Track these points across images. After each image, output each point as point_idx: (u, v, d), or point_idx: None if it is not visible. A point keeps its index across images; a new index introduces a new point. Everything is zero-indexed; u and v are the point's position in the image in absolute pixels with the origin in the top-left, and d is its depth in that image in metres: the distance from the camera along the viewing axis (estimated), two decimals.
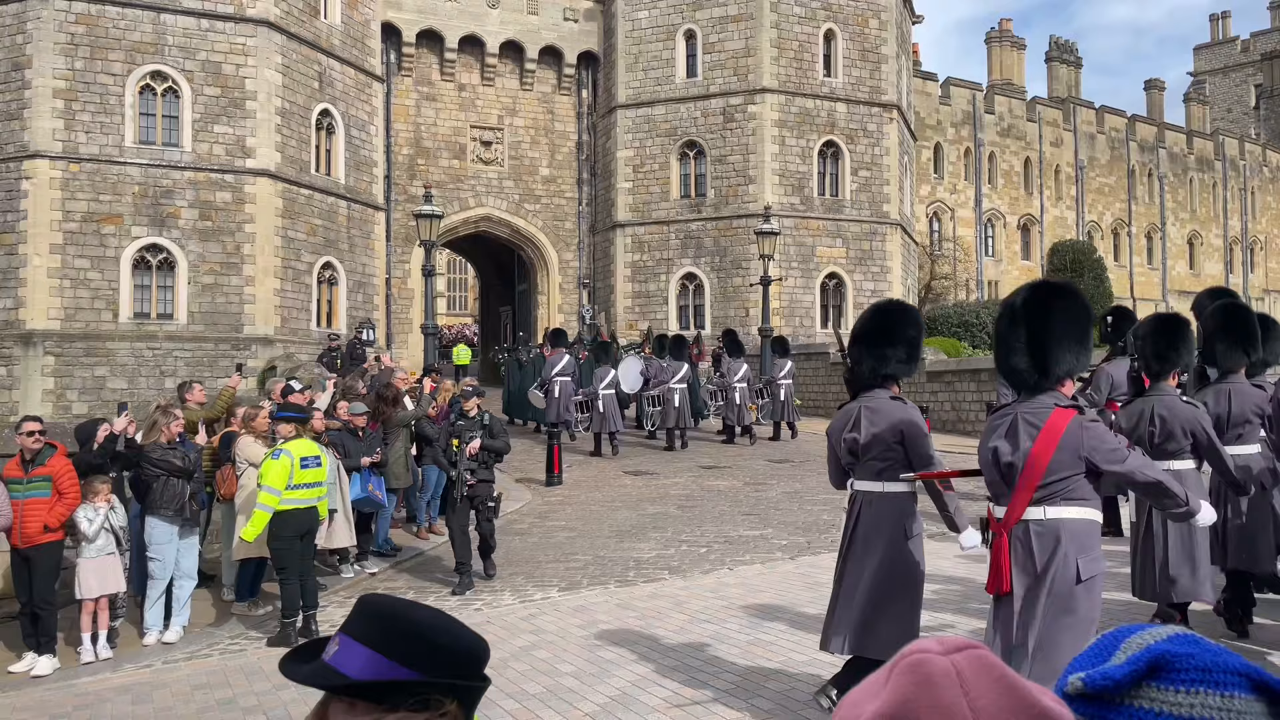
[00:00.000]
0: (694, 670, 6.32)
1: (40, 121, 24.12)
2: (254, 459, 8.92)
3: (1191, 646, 0.93)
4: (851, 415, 5.41)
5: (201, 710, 6.43)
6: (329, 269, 28.20)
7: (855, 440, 5.32)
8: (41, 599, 7.90)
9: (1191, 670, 0.91)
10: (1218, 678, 0.91)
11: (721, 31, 31.16)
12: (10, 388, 23.88)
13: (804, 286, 30.96)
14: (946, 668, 0.81)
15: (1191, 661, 0.91)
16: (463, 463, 9.18)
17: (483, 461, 9.27)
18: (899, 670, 0.82)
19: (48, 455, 8.05)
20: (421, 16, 31.88)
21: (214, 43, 25.57)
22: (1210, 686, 0.90)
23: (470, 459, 9.17)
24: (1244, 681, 0.91)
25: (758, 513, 12.62)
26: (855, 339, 5.49)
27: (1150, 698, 0.91)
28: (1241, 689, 0.90)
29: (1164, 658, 0.91)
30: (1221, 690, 0.90)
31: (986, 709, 0.79)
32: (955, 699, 0.79)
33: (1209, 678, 0.91)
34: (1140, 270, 51.33)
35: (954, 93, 44.26)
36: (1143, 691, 0.91)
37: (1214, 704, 0.89)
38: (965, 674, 0.81)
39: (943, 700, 0.79)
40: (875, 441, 5.27)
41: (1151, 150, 52.52)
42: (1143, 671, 0.91)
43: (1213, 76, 70.58)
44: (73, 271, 24.24)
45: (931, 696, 0.79)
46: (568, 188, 34.34)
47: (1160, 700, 0.91)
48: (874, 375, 5.41)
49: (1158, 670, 0.91)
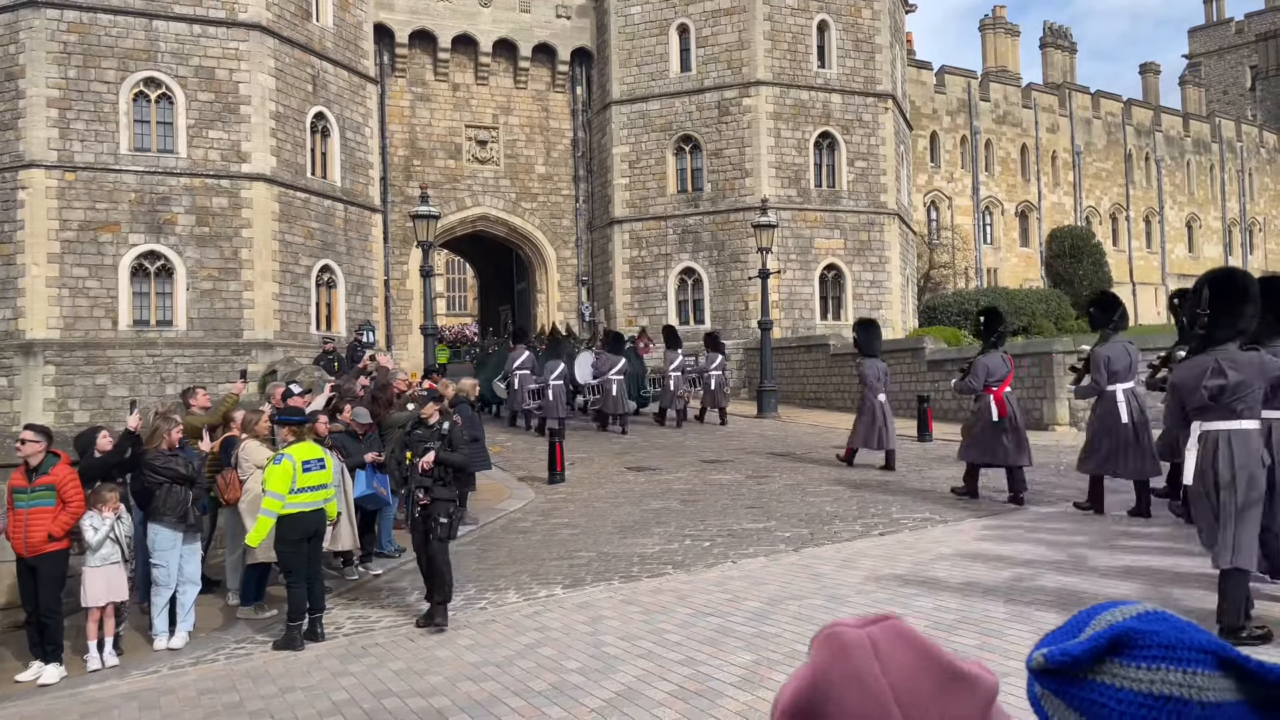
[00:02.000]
0: (699, 664, 6.33)
1: (35, 131, 24.11)
2: (260, 462, 8.94)
3: (1158, 624, 0.94)
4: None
5: (208, 715, 6.44)
6: (327, 272, 28.19)
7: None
8: (47, 608, 7.91)
9: (1155, 647, 0.92)
10: (1181, 654, 0.92)
11: (714, 25, 31.12)
12: (11, 398, 23.91)
13: (803, 279, 30.95)
14: (860, 638, 0.87)
15: (1155, 639, 0.93)
16: (414, 479, 8.22)
17: (438, 477, 8.19)
18: (818, 643, 0.88)
19: (51, 464, 8.05)
20: (414, 17, 31.85)
21: (206, 48, 25.54)
22: (1173, 663, 0.91)
23: (423, 474, 8.18)
24: (1209, 659, 0.92)
25: (760, 505, 12.63)
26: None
27: (1112, 673, 0.93)
28: (1206, 665, 0.91)
29: (1127, 634, 0.93)
30: (1184, 666, 0.91)
31: (900, 671, 0.85)
32: (868, 665, 0.85)
33: (1172, 654, 0.92)
34: (1139, 254, 51.30)
35: (949, 81, 44.21)
36: (1105, 667, 0.93)
37: (1176, 680, 0.91)
38: (880, 643, 0.87)
39: (857, 667, 0.85)
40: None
41: (1148, 134, 52.47)
42: (1104, 648, 0.93)
43: (1208, 59, 70.46)
44: (71, 280, 24.24)
45: (846, 664, 0.85)
46: (564, 185, 34.32)
47: (1121, 676, 0.92)
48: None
49: (1120, 646, 0.93)
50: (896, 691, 0.85)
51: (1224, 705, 0.90)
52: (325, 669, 7.16)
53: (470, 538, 11.95)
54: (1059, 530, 10.05)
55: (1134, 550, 8.97)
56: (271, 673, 7.26)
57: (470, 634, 7.68)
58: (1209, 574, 6.63)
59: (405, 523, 8.59)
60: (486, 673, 6.60)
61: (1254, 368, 6.07)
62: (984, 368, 12.11)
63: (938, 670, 0.87)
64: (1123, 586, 7.58)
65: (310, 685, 6.77)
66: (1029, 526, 10.42)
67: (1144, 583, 7.66)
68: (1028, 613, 6.95)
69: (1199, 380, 6.07)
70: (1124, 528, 10.02)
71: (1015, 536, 9.89)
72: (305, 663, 7.44)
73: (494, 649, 7.17)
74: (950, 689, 0.87)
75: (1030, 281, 44.53)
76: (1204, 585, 7.11)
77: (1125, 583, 7.71)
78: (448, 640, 7.56)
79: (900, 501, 12.38)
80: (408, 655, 7.27)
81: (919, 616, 6.95)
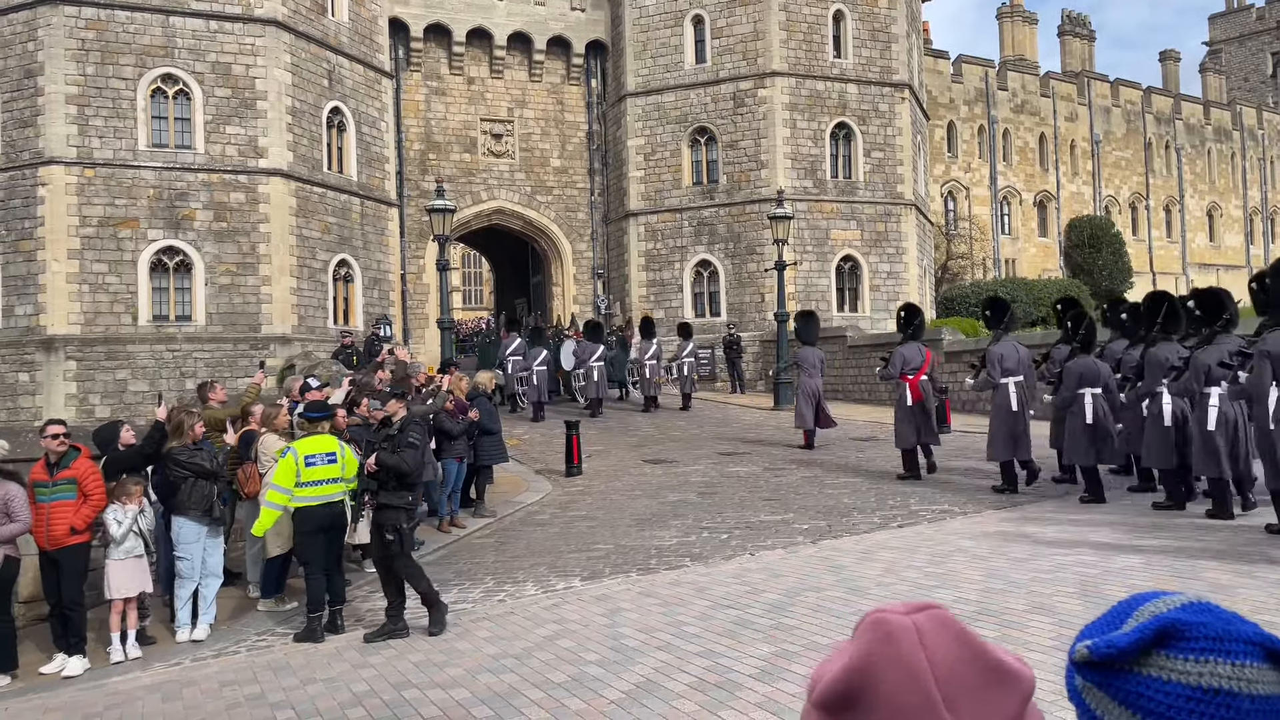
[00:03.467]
0: (718, 656, 6.33)
1: (54, 128, 24.27)
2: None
3: (1204, 615, 0.92)
4: None
5: (230, 706, 6.48)
6: (344, 266, 28.29)
7: None
8: (70, 601, 7.99)
9: (1202, 639, 0.90)
10: (1229, 646, 0.90)
11: (729, 16, 30.99)
12: (34, 393, 24.11)
13: (819, 270, 30.82)
14: (907, 625, 0.87)
15: (1202, 630, 0.91)
16: (362, 481, 8.10)
17: (382, 482, 7.84)
18: (862, 629, 0.88)
19: (72, 458, 8.12)
20: (429, 11, 31.86)
21: (223, 44, 25.64)
22: (1221, 655, 0.89)
23: (368, 476, 7.96)
24: (1257, 650, 0.90)
25: (778, 498, 12.61)
26: None
27: (1159, 666, 0.91)
28: (1254, 658, 0.89)
29: (1174, 625, 0.91)
30: (1232, 659, 0.89)
31: (943, 661, 0.86)
32: (913, 652, 0.85)
33: (1220, 646, 0.90)
34: (1160, 243, 50.85)
35: (966, 70, 43.89)
36: (1152, 659, 0.91)
37: (1224, 672, 0.89)
38: (925, 630, 0.87)
39: (903, 654, 0.85)
40: None
41: (1168, 122, 51.94)
42: (1150, 639, 0.91)
43: (1228, 45, 69.64)
44: (91, 276, 24.41)
45: (893, 650, 0.85)
46: (579, 178, 34.30)
47: (1169, 668, 0.90)
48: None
49: (1167, 638, 0.91)
50: (940, 680, 0.84)
51: (1274, 698, 0.88)
52: (346, 661, 7.20)
53: (488, 530, 11.98)
54: (1079, 521, 9.99)
55: (1153, 541, 8.90)
56: (292, 664, 7.31)
57: (489, 626, 7.70)
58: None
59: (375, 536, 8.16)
60: (506, 665, 6.62)
61: None
62: (900, 357, 13.78)
63: (980, 661, 0.87)
64: (1140, 577, 7.52)
65: (331, 677, 6.80)
66: (1048, 518, 10.36)
67: (1166, 572, 7.60)
68: (1048, 604, 6.91)
69: None
70: (1151, 519, 9.95)
71: (1034, 528, 9.83)
72: (326, 655, 7.48)
73: (513, 641, 7.19)
74: (992, 681, 0.87)
75: (1049, 272, 44.20)
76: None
77: (1145, 572, 7.65)
78: (466, 632, 7.58)
79: (919, 494, 12.33)
80: (427, 647, 7.30)
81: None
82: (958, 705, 0.85)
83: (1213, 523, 9.54)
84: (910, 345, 13.96)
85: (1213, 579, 7.32)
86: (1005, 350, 12.15)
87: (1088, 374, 11.21)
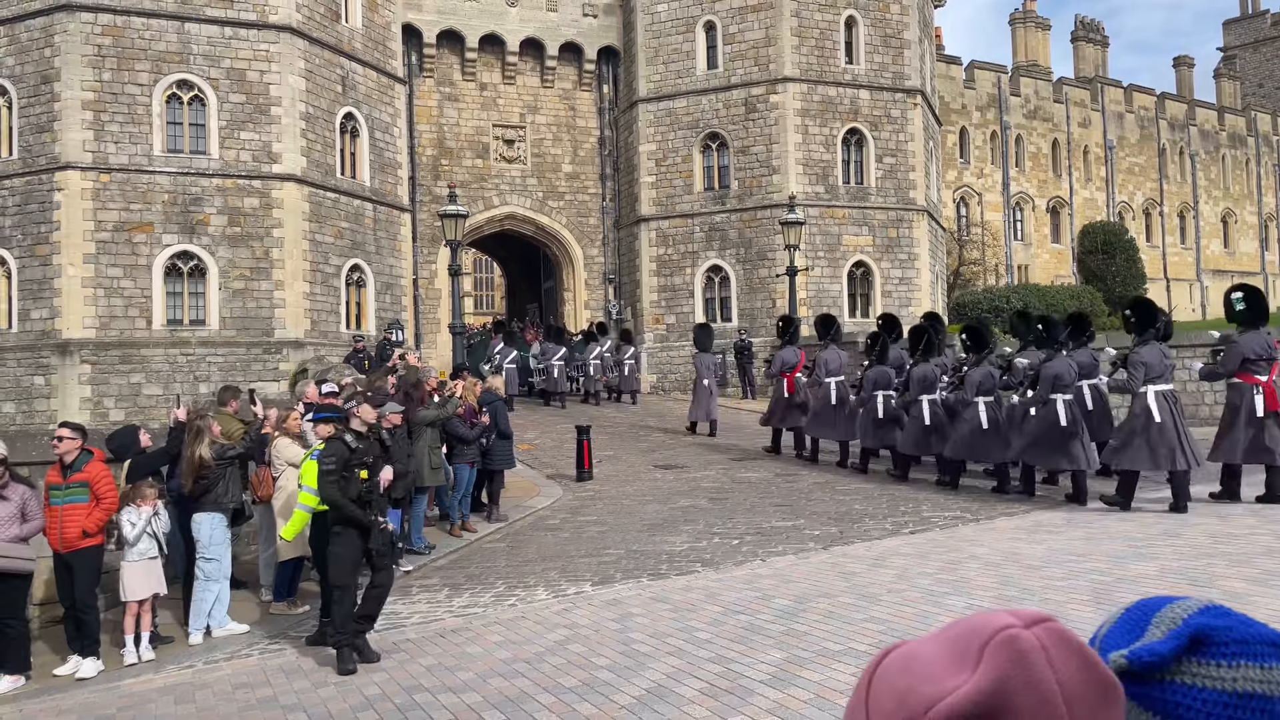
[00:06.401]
0: (729, 661, 6.32)
1: (70, 133, 24.45)
2: (293, 459, 9.02)
3: (1226, 619, 0.92)
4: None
5: (243, 709, 6.51)
6: (357, 271, 28.38)
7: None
8: (84, 603, 8.03)
9: (1231, 643, 0.90)
10: (1256, 649, 0.89)
11: (741, 22, 31.01)
12: (49, 396, 24.26)
13: (831, 276, 30.77)
14: (1035, 644, 0.81)
15: (1230, 634, 0.90)
16: (376, 505, 7.50)
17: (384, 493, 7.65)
18: (993, 647, 0.81)
19: (85, 461, 8.17)
20: (442, 17, 31.98)
21: (238, 50, 25.79)
22: (1250, 658, 0.89)
23: (381, 496, 7.57)
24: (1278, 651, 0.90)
25: (789, 503, 12.58)
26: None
27: (1193, 673, 0.89)
28: (1277, 659, 0.89)
29: (1204, 631, 0.90)
30: (1261, 661, 0.89)
31: (1069, 683, 0.80)
32: (1045, 675, 0.80)
33: (1247, 649, 0.89)
34: (1174, 250, 50.56)
35: (978, 76, 43.79)
36: (1184, 667, 0.90)
37: (1255, 676, 0.88)
38: (1050, 649, 0.82)
39: (1034, 677, 0.79)
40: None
41: (1182, 128, 51.68)
42: (1185, 646, 0.90)
43: (1243, 51, 69.29)
44: (106, 280, 24.56)
45: (1026, 674, 0.80)
46: (591, 184, 34.33)
47: (1203, 675, 0.89)
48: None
49: (1199, 644, 0.90)
50: (1068, 702, 0.80)
51: None
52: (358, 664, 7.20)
53: (500, 535, 12.00)
54: (1091, 527, 9.94)
55: (1166, 548, 8.85)
56: (304, 668, 7.33)
57: (500, 630, 7.71)
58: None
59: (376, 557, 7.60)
60: (517, 669, 6.62)
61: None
62: (780, 359, 17.35)
63: (1098, 679, 0.83)
64: (1154, 584, 7.48)
65: (343, 680, 6.82)
66: (1061, 524, 10.31)
67: (1180, 579, 7.55)
68: (1062, 611, 6.87)
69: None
70: (1163, 525, 9.89)
71: (1047, 534, 9.78)
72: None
73: (524, 645, 7.19)
74: (1109, 699, 0.83)
75: (1062, 278, 44.00)
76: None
77: (1159, 580, 7.60)
78: (478, 637, 7.59)
79: (932, 500, 12.29)
80: (438, 651, 7.31)
81: (951, 615, 6.89)
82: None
83: (1227, 531, 9.47)
84: (789, 349, 17.26)
85: (1227, 586, 7.27)
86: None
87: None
